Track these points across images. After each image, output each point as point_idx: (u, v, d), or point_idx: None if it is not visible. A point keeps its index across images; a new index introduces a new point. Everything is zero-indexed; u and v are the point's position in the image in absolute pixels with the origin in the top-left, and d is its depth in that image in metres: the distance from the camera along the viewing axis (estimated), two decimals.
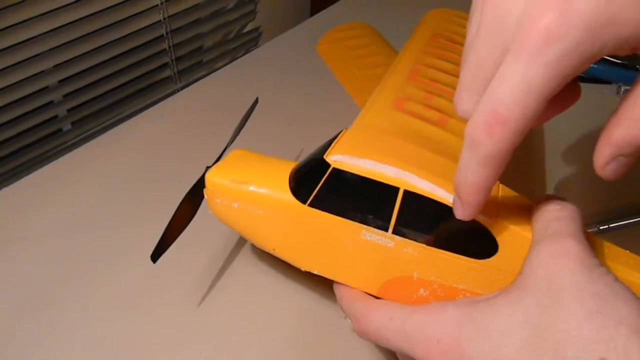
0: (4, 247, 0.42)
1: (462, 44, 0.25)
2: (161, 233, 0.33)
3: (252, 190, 0.31)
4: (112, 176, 0.48)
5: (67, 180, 0.48)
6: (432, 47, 0.42)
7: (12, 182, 0.47)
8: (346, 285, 0.31)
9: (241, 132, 0.39)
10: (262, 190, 0.31)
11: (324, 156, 0.29)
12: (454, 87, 0.35)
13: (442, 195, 0.27)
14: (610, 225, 0.42)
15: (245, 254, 0.42)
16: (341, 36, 0.65)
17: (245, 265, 0.42)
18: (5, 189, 0.47)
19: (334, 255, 0.30)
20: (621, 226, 0.42)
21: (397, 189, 0.27)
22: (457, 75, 0.28)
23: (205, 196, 0.33)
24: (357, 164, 0.28)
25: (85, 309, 0.39)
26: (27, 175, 0.48)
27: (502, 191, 0.29)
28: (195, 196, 0.34)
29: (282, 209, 0.30)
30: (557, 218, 0.25)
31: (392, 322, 0.26)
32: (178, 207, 0.34)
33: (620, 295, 0.21)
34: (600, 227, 0.42)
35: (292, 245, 0.32)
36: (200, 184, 0.34)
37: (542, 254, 0.23)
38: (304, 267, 0.32)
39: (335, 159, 0.28)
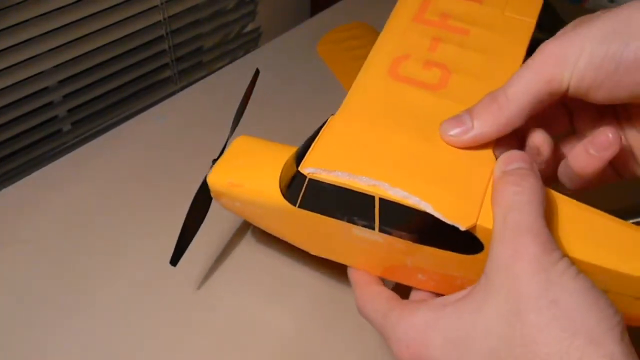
0: (3, 247, 0.42)
1: None
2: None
3: (248, 193, 0.33)
4: (112, 177, 0.48)
5: (67, 181, 0.48)
6: None
7: (12, 183, 0.47)
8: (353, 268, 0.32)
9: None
10: (256, 193, 0.32)
11: (299, 168, 0.29)
12: (470, 20, 0.34)
13: (415, 202, 0.27)
14: None
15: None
16: (341, 37, 0.65)
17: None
18: (5, 190, 0.47)
19: (333, 244, 0.32)
20: None
21: (372, 197, 0.27)
22: None
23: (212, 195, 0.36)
24: (330, 175, 0.28)
25: (83, 308, 0.39)
26: (27, 175, 0.48)
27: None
28: (204, 194, 0.36)
29: (277, 210, 0.31)
30: (514, 205, 0.24)
31: (376, 314, 0.28)
32: (190, 207, 0.36)
33: (577, 300, 0.22)
34: None
35: (296, 235, 0.34)
36: (206, 184, 0.35)
37: (501, 256, 0.23)
38: (312, 252, 0.33)
39: (310, 171, 0.28)
